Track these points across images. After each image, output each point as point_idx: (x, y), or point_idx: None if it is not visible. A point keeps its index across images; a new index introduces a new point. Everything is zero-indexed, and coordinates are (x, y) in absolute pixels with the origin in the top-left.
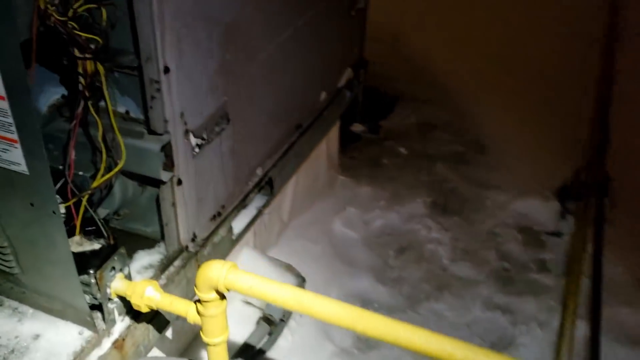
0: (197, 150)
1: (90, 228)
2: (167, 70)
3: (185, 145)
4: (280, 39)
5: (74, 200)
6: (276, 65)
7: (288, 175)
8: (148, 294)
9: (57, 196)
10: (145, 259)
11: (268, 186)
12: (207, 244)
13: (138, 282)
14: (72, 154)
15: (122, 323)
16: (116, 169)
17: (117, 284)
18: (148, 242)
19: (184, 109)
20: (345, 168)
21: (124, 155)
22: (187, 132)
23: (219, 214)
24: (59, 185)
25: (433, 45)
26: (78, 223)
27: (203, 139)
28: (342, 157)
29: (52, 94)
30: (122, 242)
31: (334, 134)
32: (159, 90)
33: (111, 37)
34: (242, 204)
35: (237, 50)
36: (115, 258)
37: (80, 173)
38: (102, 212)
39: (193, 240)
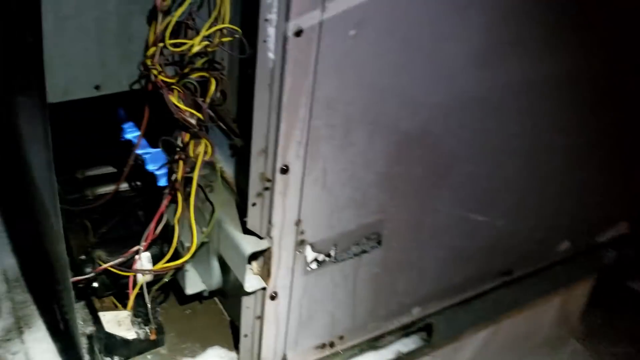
0: (313, 266)
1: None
2: (285, 170)
3: (296, 258)
4: (501, 157)
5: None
6: (477, 191)
7: (470, 325)
8: None
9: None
10: None
11: (424, 332)
12: None
13: None
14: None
15: None
16: (182, 260)
17: None
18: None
19: (302, 217)
20: (591, 334)
21: (194, 246)
22: (302, 242)
23: (332, 344)
24: None
25: None
26: (131, 298)
27: (328, 255)
28: (592, 318)
29: None
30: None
31: (580, 290)
32: (267, 189)
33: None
34: (374, 343)
35: (414, 165)
36: (149, 357)
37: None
38: (198, 286)
39: None
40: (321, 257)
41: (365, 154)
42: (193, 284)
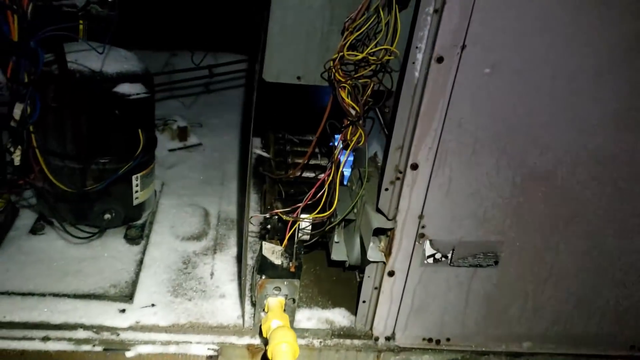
0: (430, 261)
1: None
2: (415, 167)
3: (415, 247)
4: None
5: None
6: (606, 247)
7: None
8: (272, 325)
9: None
10: (326, 314)
11: None
12: (401, 354)
13: (276, 311)
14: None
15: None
16: (325, 214)
17: (273, 303)
18: (353, 307)
19: (425, 213)
20: None
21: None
22: (422, 235)
23: (438, 342)
24: None
25: None
26: (286, 237)
27: (445, 256)
28: None
29: None
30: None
31: None
32: (398, 179)
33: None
34: (477, 357)
35: (539, 200)
36: (285, 283)
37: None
38: (342, 256)
39: (388, 339)
40: (438, 255)
41: (491, 176)
42: (338, 253)
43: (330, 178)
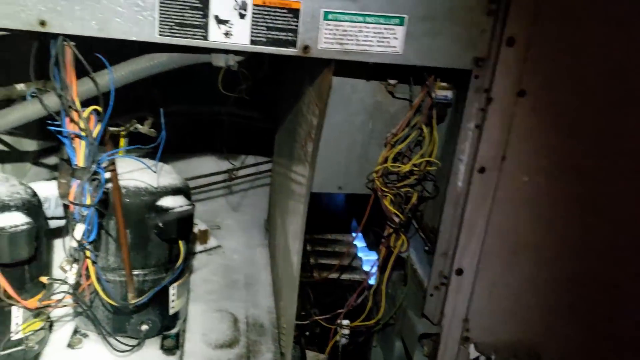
0: None
1: None
2: (460, 272)
3: (459, 351)
4: None
5: None
6: None
7: None
8: None
9: None
10: None
11: None
12: None
13: None
14: None
15: None
16: (372, 321)
17: None
18: None
19: (469, 317)
20: None
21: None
22: (466, 339)
23: None
24: None
25: None
26: (330, 344)
27: (489, 359)
28: None
29: None
30: None
31: None
32: (444, 284)
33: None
34: None
35: (583, 310)
36: None
37: None
38: None
39: None
40: (482, 358)
41: (532, 279)
42: (376, 358)
43: (376, 285)
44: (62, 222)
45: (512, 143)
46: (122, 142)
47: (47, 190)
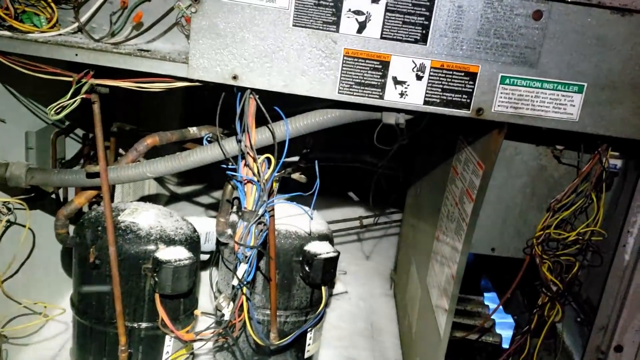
0: None
1: None
2: (619, 349)
3: None
4: None
5: None
6: None
7: None
8: None
9: None
10: None
11: None
12: None
13: None
14: None
15: None
16: None
17: None
18: None
19: None
20: None
21: None
22: None
23: None
24: None
25: None
26: None
27: None
28: None
29: None
30: None
31: None
32: None
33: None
34: None
35: None
36: None
37: None
38: None
39: None
40: None
41: None
42: None
43: (525, 353)
44: (206, 257)
45: None
46: (274, 186)
47: (201, 226)
